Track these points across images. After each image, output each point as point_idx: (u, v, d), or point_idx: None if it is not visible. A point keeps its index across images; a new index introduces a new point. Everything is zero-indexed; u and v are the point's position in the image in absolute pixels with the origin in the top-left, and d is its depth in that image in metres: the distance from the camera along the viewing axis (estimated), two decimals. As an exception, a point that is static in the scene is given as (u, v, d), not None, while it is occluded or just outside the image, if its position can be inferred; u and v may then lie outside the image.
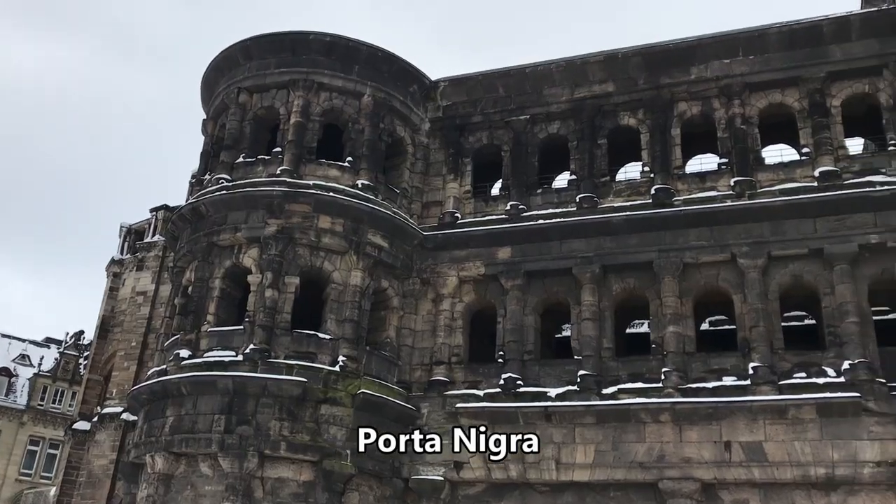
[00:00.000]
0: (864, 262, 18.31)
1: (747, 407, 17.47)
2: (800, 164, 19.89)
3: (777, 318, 18.70)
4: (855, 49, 20.06)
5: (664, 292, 19.36)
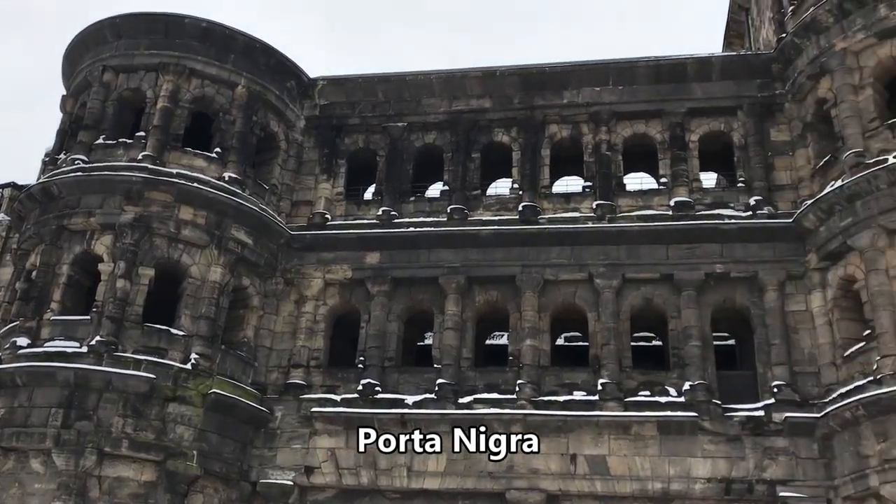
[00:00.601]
0: (709, 290, 19.46)
1: (594, 421, 18.16)
2: (657, 192, 20.93)
3: (627, 338, 19.57)
4: (714, 89, 21.35)
5: (524, 306, 19.87)
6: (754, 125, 20.76)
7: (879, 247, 17.22)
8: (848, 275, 17.96)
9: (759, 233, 19.42)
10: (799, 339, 18.59)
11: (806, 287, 18.90)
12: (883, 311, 16.75)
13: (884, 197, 17.37)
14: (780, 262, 19.13)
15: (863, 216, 17.60)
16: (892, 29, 18.56)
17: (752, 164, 20.48)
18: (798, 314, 18.83)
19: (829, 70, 19.31)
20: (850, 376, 17.26)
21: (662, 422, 17.91)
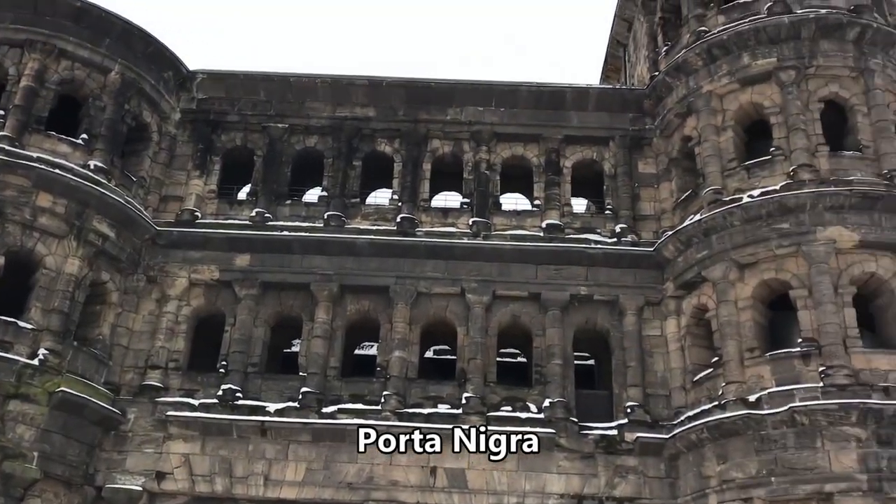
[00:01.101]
0: (574, 311, 20.14)
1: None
2: (531, 214, 21.51)
3: (493, 353, 19.96)
4: (590, 119, 22.21)
5: (396, 318, 19.90)
6: (624, 156, 21.72)
7: (731, 279, 18.34)
8: (701, 304, 19.03)
9: (623, 259, 20.30)
10: (653, 363, 19.52)
11: (662, 313, 19.89)
12: (730, 340, 17.83)
13: (737, 233, 18.53)
14: (640, 288, 20.05)
15: (717, 249, 18.70)
16: (754, 76, 19.90)
17: (619, 194, 21.40)
18: (653, 339, 19.78)
19: (696, 110, 20.47)
20: (698, 400, 18.26)
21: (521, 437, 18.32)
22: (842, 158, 18.74)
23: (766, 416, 16.48)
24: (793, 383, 16.75)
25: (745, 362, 17.57)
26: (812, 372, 16.71)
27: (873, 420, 15.77)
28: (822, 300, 17.09)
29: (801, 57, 19.53)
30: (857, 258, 17.59)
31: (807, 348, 16.95)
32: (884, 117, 18.97)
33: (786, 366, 17.07)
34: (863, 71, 19.38)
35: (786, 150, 18.92)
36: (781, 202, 18.10)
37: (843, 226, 17.63)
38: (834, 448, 15.87)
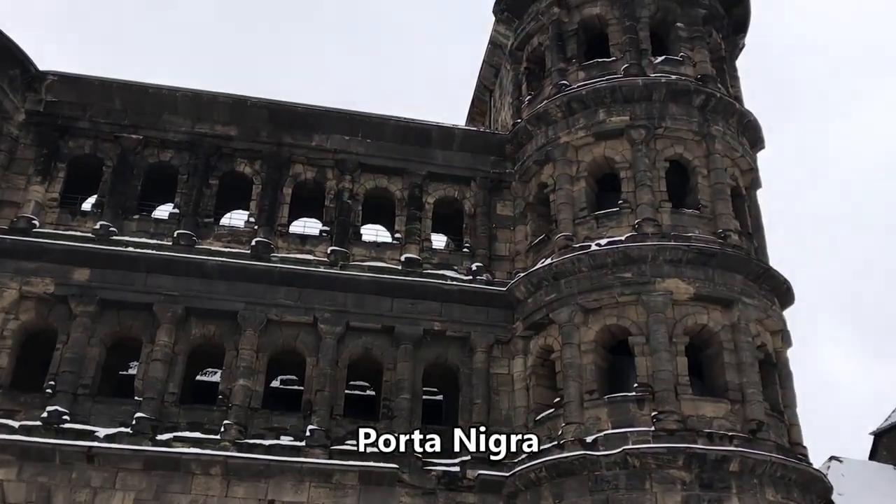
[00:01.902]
0: (426, 346, 20.25)
1: (297, 468, 17.90)
2: (391, 246, 21.56)
3: (342, 386, 19.70)
4: (454, 158, 22.62)
5: (242, 344, 19.31)
6: (484, 197, 22.23)
7: (576, 322, 19.02)
8: (547, 345, 19.61)
9: (476, 297, 20.65)
10: (499, 401, 19.87)
11: (511, 352, 20.35)
12: (572, 382, 18.43)
13: (584, 279, 19.29)
14: (491, 327, 20.44)
15: (565, 293, 19.38)
16: (608, 132, 20.95)
17: (478, 233, 21.85)
18: (501, 377, 20.16)
19: (553, 159, 21.28)
20: (539, 440, 18.68)
21: (364, 471, 18.10)
22: (682, 215, 19.97)
23: (601, 457, 17.08)
24: (627, 426, 17.48)
25: (584, 404, 18.18)
26: (645, 416, 17.51)
27: (697, 464, 16.66)
28: (658, 348, 18.01)
29: (651, 117, 20.76)
30: (691, 310, 18.69)
31: (641, 393, 17.77)
32: (721, 180, 20.40)
33: (622, 409, 17.81)
34: (705, 136, 20.81)
35: (632, 203, 19.95)
36: (626, 252, 19.02)
37: (680, 278, 18.72)
38: (661, 490, 16.61)
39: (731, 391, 17.90)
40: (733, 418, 17.58)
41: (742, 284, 19.09)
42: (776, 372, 19.36)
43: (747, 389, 17.81)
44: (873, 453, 32.81)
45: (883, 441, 32.58)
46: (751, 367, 18.07)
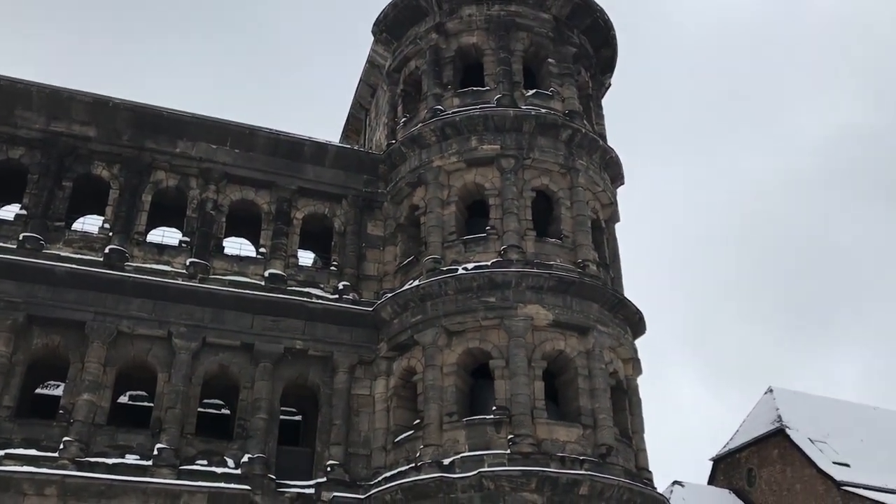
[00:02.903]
0: (286, 365, 19.80)
1: (142, 488, 17.03)
2: (254, 261, 21.02)
3: (195, 403, 18.93)
4: (326, 174, 22.39)
5: (89, 357, 18.26)
6: (355, 216, 22.11)
7: (439, 345, 19.15)
8: (410, 366, 19.63)
9: (342, 316, 20.43)
10: (359, 422, 19.67)
11: (373, 373, 20.23)
12: (433, 404, 18.50)
13: (450, 301, 19.48)
14: (355, 347, 20.27)
15: (430, 315, 19.50)
16: (479, 159, 21.37)
17: (346, 252, 21.67)
18: (362, 398, 19.99)
19: (425, 182, 21.47)
20: (397, 461, 18.63)
21: (214, 493, 17.44)
22: (545, 244, 20.59)
23: (457, 479, 17.19)
24: (484, 449, 17.71)
25: (444, 426, 18.28)
26: (502, 439, 17.79)
27: (549, 487, 17.05)
28: (517, 371, 18.39)
29: (520, 148, 21.35)
30: (550, 335, 19.23)
31: (499, 416, 18.06)
32: (583, 212, 21.21)
33: (479, 431, 18.02)
34: (570, 169, 21.61)
35: (499, 230, 20.39)
36: (491, 277, 19.39)
37: (540, 305, 19.23)
38: (514, 512, 16.88)
39: (583, 416, 18.49)
40: (585, 442, 18.15)
41: (598, 313, 19.83)
42: (626, 398, 20.18)
43: (599, 415, 18.45)
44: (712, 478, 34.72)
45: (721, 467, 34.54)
46: (603, 393, 18.74)
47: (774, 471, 31.41)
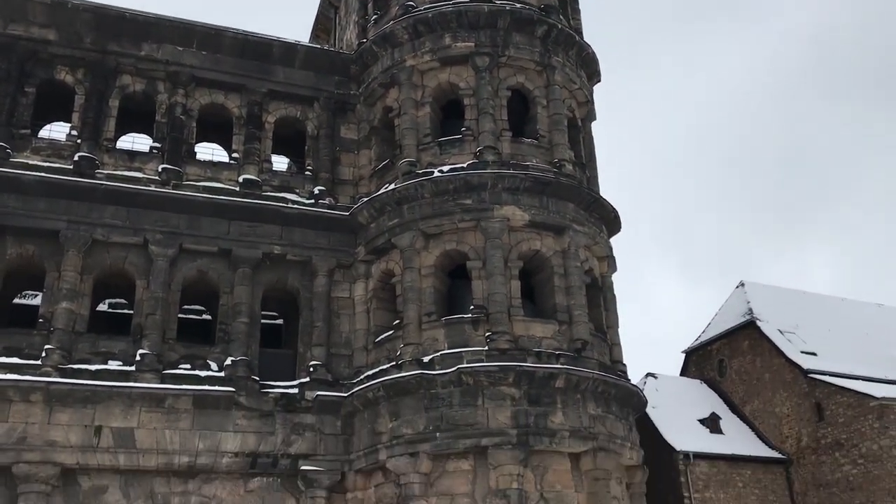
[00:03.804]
0: (265, 269, 19.88)
1: (126, 393, 17.33)
2: (228, 166, 20.77)
3: (175, 309, 19.06)
4: (296, 76, 21.87)
5: (65, 266, 18.19)
6: (328, 119, 21.76)
7: (417, 248, 19.26)
8: (388, 269, 19.79)
9: (318, 221, 20.40)
10: (339, 324, 19.95)
11: (352, 276, 20.38)
12: (411, 305, 18.76)
13: (426, 204, 19.48)
14: (333, 251, 20.33)
15: (407, 219, 19.52)
16: (453, 57, 20.93)
17: (320, 156, 21.44)
18: (342, 300, 20.21)
19: (398, 83, 21.07)
20: (378, 361, 19.04)
21: (198, 395, 17.78)
22: (521, 144, 20.47)
23: (437, 376, 17.63)
24: (463, 346, 18.10)
25: (423, 326, 18.61)
26: (480, 336, 18.17)
27: (526, 381, 17.55)
28: (494, 272, 18.61)
29: (495, 45, 20.91)
30: (526, 236, 19.38)
31: (477, 315, 18.38)
32: (559, 111, 21.01)
33: (458, 330, 18.37)
34: (546, 66, 21.26)
35: (475, 131, 20.21)
36: (467, 179, 19.34)
37: (517, 206, 19.29)
38: (492, 406, 17.41)
39: (559, 313, 18.86)
40: (561, 338, 18.58)
41: (573, 212, 19.95)
42: (601, 295, 20.57)
43: (574, 311, 18.83)
44: (684, 370, 35.82)
45: (693, 359, 35.58)
46: (578, 291, 19.08)
47: (745, 361, 32.43)
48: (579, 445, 17.46)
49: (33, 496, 16.05)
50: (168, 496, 17.22)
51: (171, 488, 17.33)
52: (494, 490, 16.72)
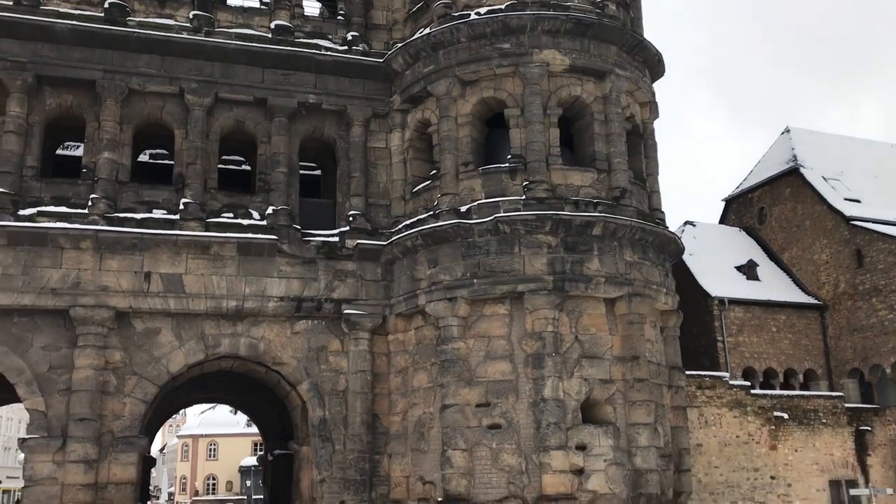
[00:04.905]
0: (301, 119, 19.79)
1: (172, 240, 17.80)
2: (259, 12, 20.25)
3: (214, 159, 19.22)
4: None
5: (104, 116, 18.28)
6: (358, -41, 20.85)
7: (453, 95, 18.89)
8: (424, 118, 19.54)
9: (352, 68, 20.01)
10: (377, 174, 20.01)
11: (388, 126, 20.21)
12: (448, 155, 18.66)
13: (463, 49, 18.91)
14: (368, 100, 20.06)
15: (443, 65, 19.03)
16: None
17: (353, 0, 20.74)
18: (378, 150, 20.16)
19: (432, -83, 19.92)
20: (416, 210, 19.20)
21: (242, 243, 18.22)
22: (562, -17, 19.49)
23: (474, 225, 17.78)
24: (500, 196, 18.11)
25: (460, 176, 18.58)
26: (517, 186, 18.13)
27: (563, 230, 17.63)
28: (532, 120, 18.27)
29: None
30: (566, 81, 18.84)
31: (514, 164, 18.25)
32: (603, -53, 19.82)
33: (495, 180, 18.33)
34: None
35: (513, -31, 19.23)
36: (505, 21, 18.63)
37: (557, 49, 18.64)
38: (529, 254, 17.61)
39: (598, 161, 18.64)
40: (599, 186, 18.47)
41: (616, 56, 19.26)
42: (642, 142, 20.19)
43: (614, 159, 18.59)
44: (724, 218, 35.66)
45: (733, 206, 35.32)
46: (619, 138, 18.74)
47: (785, 209, 32.09)
48: (614, 291, 17.73)
49: (91, 337, 16.93)
50: (218, 337, 18.05)
51: (220, 330, 18.13)
52: (530, 332, 17.22)
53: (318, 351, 18.64)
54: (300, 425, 19.32)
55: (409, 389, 18.44)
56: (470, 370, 17.42)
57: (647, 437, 17.11)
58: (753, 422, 22.80)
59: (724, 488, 21.87)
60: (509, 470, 16.72)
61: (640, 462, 16.95)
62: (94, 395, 16.67)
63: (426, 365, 18.15)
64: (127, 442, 16.96)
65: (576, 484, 16.47)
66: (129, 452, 16.94)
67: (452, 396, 17.17)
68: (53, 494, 16.12)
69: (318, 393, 18.37)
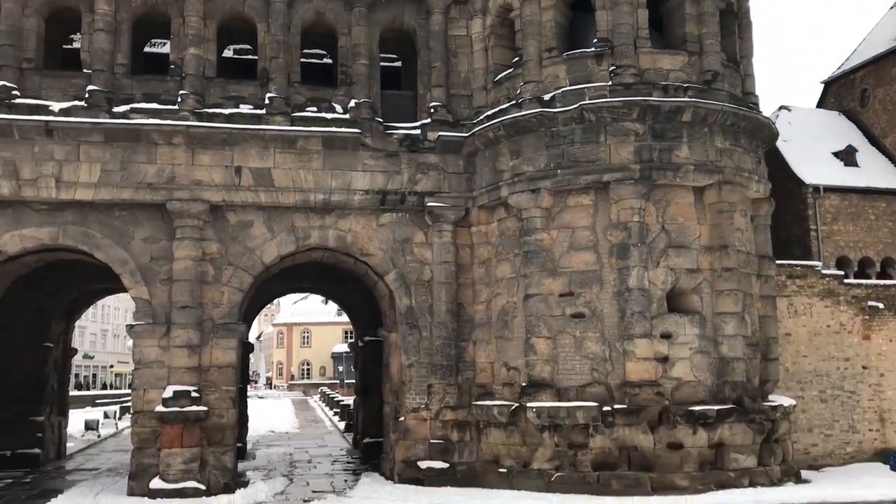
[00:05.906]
0: (380, 8, 19.49)
1: (260, 135, 18.11)
2: None
3: (297, 52, 19.24)
4: None
5: (188, 11, 18.43)
6: None
7: (536, -23, 18.15)
8: (507, 3, 18.93)
9: (430, -46, 19.41)
10: (458, 63, 19.67)
11: (469, 12, 19.69)
12: (531, 41, 18.14)
13: (547, -73, 18.02)
14: (447, -15, 19.52)
15: (525, -53, 18.22)
16: None
17: None
18: (459, 38, 19.74)
19: None
20: (497, 100, 18.88)
21: (327, 137, 18.40)
22: None
23: (558, 113, 17.41)
24: (585, 82, 17.60)
25: (543, 62, 18.09)
26: (603, 71, 17.55)
27: (651, 116, 17.09)
28: (620, 0, 17.48)
29: None
30: (655, -43, 17.83)
31: (600, 48, 17.62)
32: None
33: (580, 65, 17.78)
34: None
35: None
36: None
37: (646, -76, 17.53)
38: (615, 142, 17.21)
39: (689, 43, 17.81)
40: (690, 70, 17.71)
41: (710, -72, 18.01)
42: (735, 22, 19.13)
43: (706, 41, 17.72)
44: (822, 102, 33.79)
45: (832, 89, 33.35)
46: (711, 18, 17.79)
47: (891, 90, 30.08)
48: (704, 179, 17.26)
49: (188, 230, 17.64)
50: (308, 230, 18.54)
51: (309, 223, 18.59)
52: (615, 223, 17.05)
53: (403, 242, 18.96)
54: (388, 313, 19.92)
55: (492, 280, 18.67)
56: (553, 261, 17.46)
57: (733, 326, 16.98)
58: (846, 311, 22.22)
59: (813, 377, 21.63)
60: (593, 357, 16.95)
61: (726, 350, 16.90)
62: (193, 285, 17.52)
63: (509, 256, 18.27)
64: (226, 328, 17.88)
65: (660, 371, 16.60)
66: (228, 338, 17.88)
67: (536, 286, 17.32)
68: (161, 376, 17.28)
69: (405, 283, 18.81)
